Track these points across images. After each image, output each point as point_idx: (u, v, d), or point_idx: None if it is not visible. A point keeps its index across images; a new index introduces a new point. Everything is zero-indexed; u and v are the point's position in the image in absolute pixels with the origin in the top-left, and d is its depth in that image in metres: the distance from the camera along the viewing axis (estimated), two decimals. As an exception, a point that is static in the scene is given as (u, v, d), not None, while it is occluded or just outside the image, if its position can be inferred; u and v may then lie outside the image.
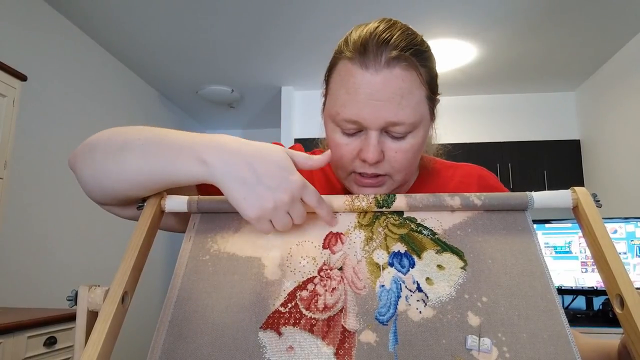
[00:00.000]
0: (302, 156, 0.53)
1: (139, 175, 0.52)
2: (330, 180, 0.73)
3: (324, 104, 0.68)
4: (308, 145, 0.79)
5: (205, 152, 0.50)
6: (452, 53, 3.22)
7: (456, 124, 3.88)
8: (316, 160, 0.54)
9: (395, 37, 0.57)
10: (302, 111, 4.02)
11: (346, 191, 0.68)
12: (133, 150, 0.53)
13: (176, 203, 0.55)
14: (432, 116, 0.65)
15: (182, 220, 0.62)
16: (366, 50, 0.57)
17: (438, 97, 0.65)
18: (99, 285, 0.47)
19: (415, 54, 0.58)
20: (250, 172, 0.49)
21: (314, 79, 3.76)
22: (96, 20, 2.87)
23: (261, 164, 0.49)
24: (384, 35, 0.57)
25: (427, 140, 0.65)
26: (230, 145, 0.50)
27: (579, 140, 3.72)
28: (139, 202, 0.55)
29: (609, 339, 0.56)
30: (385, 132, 0.59)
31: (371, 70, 0.57)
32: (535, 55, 3.27)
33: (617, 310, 0.45)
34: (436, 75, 0.64)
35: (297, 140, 3.78)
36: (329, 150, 0.57)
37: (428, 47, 0.62)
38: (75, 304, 0.47)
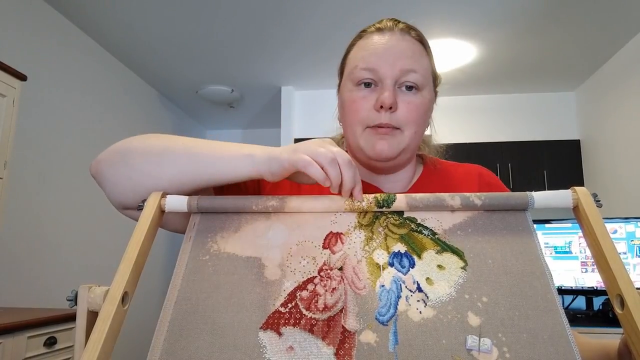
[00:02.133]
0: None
1: (183, 176, 0.56)
2: None
3: (339, 85, 0.74)
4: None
5: (252, 149, 0.55)
6: (452, 53, 3.22)
7: (456, 124, 3.88)
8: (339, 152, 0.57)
9: (402, 22, 0.70)
10: (302, 111, 4.02)
11: None
12: (175, 152, 0.57)
13: (176, 202, 0.55)
14: (434, 97, 0.73)
15: (186, 220, 0.62)
16: (382, 24, 0.69)
17: (437, 90, 0.74)
18: (98, 286, 0.47)
19: (420, 35, 0.70)
20: (289, 148, 0.54)
21: (314, 79, 3.76)
22: (96, 20, 2.87)
23: (299, 145, 0.54)
24: (394, 20, 0.70)
25: (430, 112, 0.72)
26: (269, 147, 0.56)
27: (579, 140, 3.72)
28: (140, 202, 0.55)
29: (609, 339, 0.56)
30: (398, 87, 0.66)
31: (387, 34, 0.68)
32: (535, 55, 3.27)
33: (618, 310, 0.45)
34: (435, 68, 0.72)
35: (297, 140, 3.78)
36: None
37: (428, 43, 0.73)
38: (75, 304, 0.47)
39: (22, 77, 2.12)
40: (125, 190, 0.58)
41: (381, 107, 0.65)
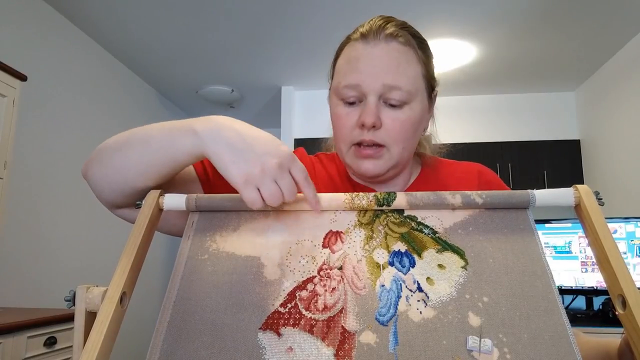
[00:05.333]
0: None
1: (142, 161, 0.55)
2: (334, 182, 0.73)
3: (330, 85, 0.72)
4: (309, 145, 0.79)
5: (197, 125, 0.53)
6: (452, 53, 3.22)
7: (456, 124, 3.87)
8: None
9: (394, 21, 0.66)
10: (302, 111, 4.01)
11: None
12: (135, 141, 0.56)
13: (174, 201, 0.55)
14: (430, 102, 0.69)
15: (180, 221, 0.62)
16: (369, 31, 0.65)
17: (436, 90, 0.70)
18: (97, 286, 0.47)
19: (412, 35, 0.65)
20: (239, 138, 0.51)
21: (314, 79, 3.76)
22: (96, 20, 2.87)
23: (251, 134, 0.51)
24: (384, 19, 0.66)
25: (424, 121, 0.69)
26: (223, 120, 0.53)
27: (579, 140, 3.71)
28: (137, 201, 0.55)
29: (609, 338, 0.56)
30: (383, 102, 0.63)
31: (371, 43, 0.63)
32: (535, 55, 3.26)
33: (619, 310, 0.45)
34: (432, 65, 0.69)
35: (297, 141, 3.78)
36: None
37: (424, 39, 0.69)
38: (73, 304, 0.46)
39: (22, 77, 2.12)
40: (104, 189, 0.59)
41: (363, 125, 0.62)
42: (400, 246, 0.51)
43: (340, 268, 0.50)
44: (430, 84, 0.68)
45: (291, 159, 0.51)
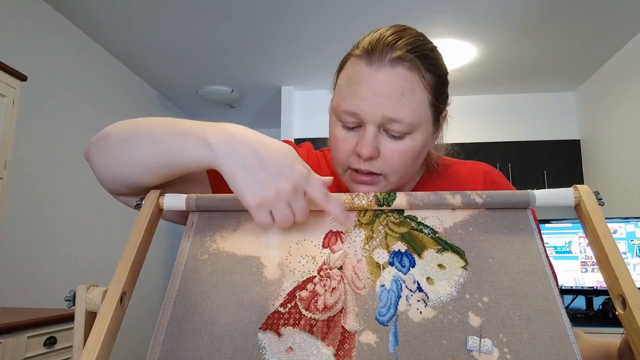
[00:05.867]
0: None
1: (148, 161, 0.53)
2: (337, 179, 0.73)
3: (331, 100, 0.68)
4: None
5: (211, 136, 0.50)
6: (452, 53, 3.22)
7: (456, 124, 3.79)
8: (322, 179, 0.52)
9: (403, 39, 0.59)
10: (302, 111, 4.01)
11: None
12: (142, 137, 0.54)
13: (175, 201, 0.55)
14: (437, 125, 0.64)
15: (181, 213, 0.61)
16: (373, 49, 0.59)
17: (446, 108, 0.65)
18: (97, 286, 0.47)
19: (421, 58, 0.59)
20: (253, 157, 0.48)
21: (314, 79, 3.76)
22: (96, 20, 2.87)
23: (266, 151, 0.49)
24: (392, 37, 0.59)
25: (428, 146, 0.65)
26: (236, 132, 0.51)
27: (579, 140, 3.71)
28: (137, 200, 0.55)
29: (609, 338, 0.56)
30: (383, 130, 0.59)
31: (374, 66, 0.58)
32: (535, 55, 3.26)
33: (619, 310, 0.44)
34: (445, 84, 0.63)
35: (296, 140, 3.78)
36: (331, 178, 0.56)
37: (438, 55, 0.63)
38: (74, 304, 0.46)
39: (22, 77, 2.12)
40: (106, 177, 0.57)
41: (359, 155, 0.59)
42: (400, 246, 0.51)
43: (340, 268, 0.50)
44: (438, 109, 0.63)
45: (306, 179, 0.49)
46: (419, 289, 0.48)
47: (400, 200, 0.54)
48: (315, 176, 0.50)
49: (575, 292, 2.60)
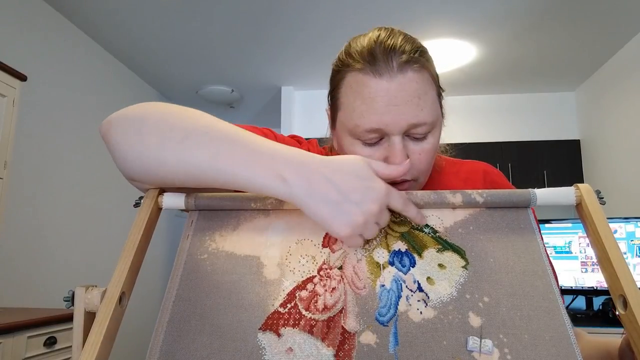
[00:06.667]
0: (381, 164, 0.51)
1: (203, 175, 0.48)
2: None
3: (333, 119, 0.66)
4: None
5: (286, 169, 0.46)
6: (452, 53, 3.22)
7: (456, 124, 3.87)
8: (395, 169, 0.51)
9: (399, 42, 0.58)
10: (302, 111, 4.01)
11: None
12: (200, 144, 0.48)
13: (174, 200, 0.54)
14: (442, 109, 0.66)
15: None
16: (375, 58, 0.57)
17: (442, 94, 0.66)
18: (96, 286, 0.47)
19: (422, 55, 0.59)
20: (333, 189, 0.46)
21: (314, 79, 3.76)
22: (96, 21, 2.87)
23: (342, 179, 0.46)
24: (388, 41, 0.58)
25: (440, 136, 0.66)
26: (308, 163, 0.47)
27: (579, 140, 3.71)
28: (136, 199, 0.55)
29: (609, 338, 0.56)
30: (406, 136, 0.59)
31: (385, 77, 0.57)
32: (535, 55, 3.26)
33: (620, 310, 0.44)
34: (437, 74, 0.65)
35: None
36: (408, 160, 0.55)
37: (426, 49, 0.64)
38: (73, 304, 0.46)
39: (22, 77, 2.11)
40: (134, 166, 0.51)
41: None
42: (401, 246, 0.51)
43: (340, 268, 0.50)
44: (441, 98, 0.64)
45: (387, 194, 0.47)
46: (419, 288, 0.48)
47: (401, 199, 0.53)
48: (393, 189, 0.49)
49: (575, 292, 2.60)
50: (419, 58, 0.58)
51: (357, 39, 0.62)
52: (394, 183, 0.60)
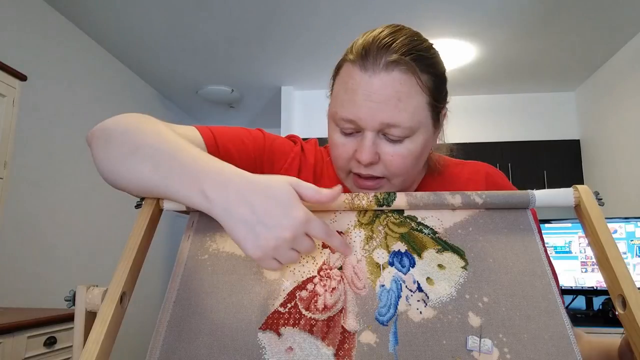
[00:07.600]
0: (311, 189, 0.50)
1: (146, 185, 0.52)
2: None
3: (329, 106, 0.68)
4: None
5: (209, 187, 0.48)
6: (452, 53, 3.22)
7: (456, 124, 3.82)
8: (325, 194, 0.50)
9: (397, 42, 0.58)
10: (302, 111, 4.01)
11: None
12: (144, 160, 0.52)
13: (175, 202, 0.55)
14: (437, 124, 0.64)
15: None
16: (367, 53, 0.58)
17: (446, 106, 0.65)
18: (96, 286, 0.47)
19: (417, 59, 0.58)
20: (249, 211, 0.46)
21: (314, 79, 3.76)
22: (96, 20, 2.87)
23: (261, 202, 0.47)
24: (386, 39, 0.58)
25: (429, 147, 0.65)
26: (233, 181, 0.48)
27: (578, 140, 3.72)
28: (138, 200, 0.55)
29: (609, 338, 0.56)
30: (382, 135, 0.59)
31: (369, 72, 0.58)
32: (535, 55, 3.26)
33: (620, 310, 0.45)
34: (443, 83, 0.63)
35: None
36: (339, 186, 0.54)
37: (434, 54, 0.62)
38: (73, 304, 0.46)
39: (22, 77, 2.12)
40: (105, 176, 0.56)
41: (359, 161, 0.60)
42: (400, 246, 0.51)
43: (340, 268, 0.50)
44: (437, 109, 0.62)
45: (304, 223, 0.47)
46: (419, 289, 0.48)
47: (400, 200, 0.54)
48: (314, 218, 0.48)
49: (575, 292, 2.61)
50: (409, 61, 0.57)
51: (365, 34, 0.63)
52: (360, 176, 0.62)
